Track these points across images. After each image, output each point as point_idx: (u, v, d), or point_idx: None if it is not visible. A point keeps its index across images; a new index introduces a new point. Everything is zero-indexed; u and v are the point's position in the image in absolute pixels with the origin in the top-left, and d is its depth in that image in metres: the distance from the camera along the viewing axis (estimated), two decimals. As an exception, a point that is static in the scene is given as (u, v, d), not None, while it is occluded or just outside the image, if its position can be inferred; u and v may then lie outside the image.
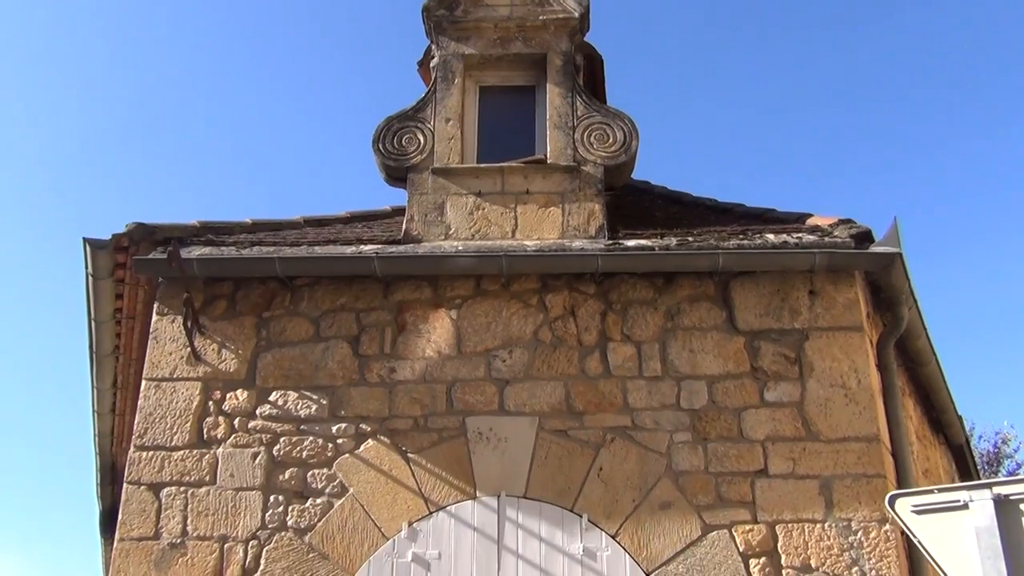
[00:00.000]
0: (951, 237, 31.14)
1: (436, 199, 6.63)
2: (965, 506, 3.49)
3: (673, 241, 6.16)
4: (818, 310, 5.96)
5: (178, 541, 5.61)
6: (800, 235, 6.20)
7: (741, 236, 6.22)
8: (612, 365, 5.92)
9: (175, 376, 6.05)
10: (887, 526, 5.36)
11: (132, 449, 5.88)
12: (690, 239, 6.18)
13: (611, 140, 6.76)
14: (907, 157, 30.52)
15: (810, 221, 6.53)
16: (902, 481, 5.67)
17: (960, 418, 8.30)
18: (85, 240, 6.07)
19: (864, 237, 6.02)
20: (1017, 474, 15.15)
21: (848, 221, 6.26)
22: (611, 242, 6.24)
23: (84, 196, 29.55)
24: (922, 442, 7.28)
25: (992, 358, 30.01)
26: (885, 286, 6.05)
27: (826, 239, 6.07)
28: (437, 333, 6.07)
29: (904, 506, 3.67)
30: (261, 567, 5.53)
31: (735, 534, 5.45)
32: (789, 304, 5.99)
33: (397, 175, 6.82)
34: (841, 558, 5.34)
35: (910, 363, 6.85)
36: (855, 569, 5.31)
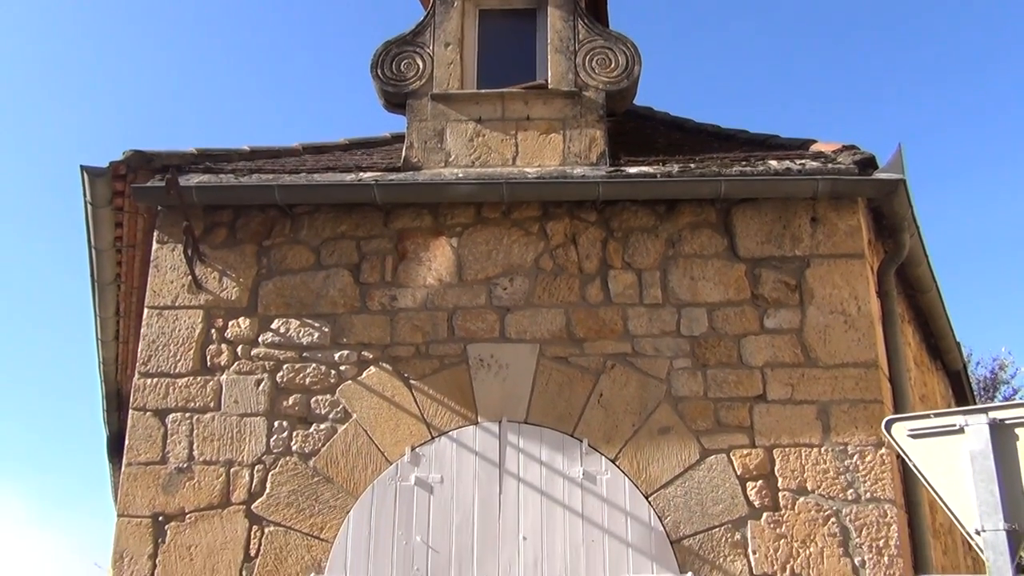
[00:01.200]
0: (954, 164, 30.92)
1: (436, 126, 6.56)
2: (961, 430, 3.53)
3: (675, 168, 6.11)
4: (820, 237, 5.94)
5: (185, 466, 5.71)
6: (803, 162, 6.15)
7: (744, 163, 6.16)
8: (613, 292, 5.93)
9: (177, 304, 6.07)
10: (883, 450, 5.44)
11: (136, 376, 5.94)
12: (692, 166, 6.13)
13: (613, 65, 6.65)
14: (913, 83, 30.10)
15: (814, 147, 6.47)
16: (899, 406, 5.73)
17: (958, 344, 8.35)
18: (82, 168, 6.02)
19: (868, 164, 5.97)
20: (1013, 399, 15.32)
21: (852, 147, 6.20)
22: (612, 169, 6.19)
23: (81, 123, 29.26)
24: (920, 368, 7.34)
25: (992, 285, 30.09)
26: (887, 213, 6.02)
27: (829, 166, 6.02)
28: (438, 261, 6.07)
29: (900, 430, 3.71)
30: (267, 490, 5.63)
31: (733, 458, 5.53)
32: (791, 231, 5.97)
33: (396, 101, 6.73)
34: (837, 481, 5.43)
35: (910, 290, 6.87)
36: (850, 492, 5.40)
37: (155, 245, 6.23)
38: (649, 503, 5.46)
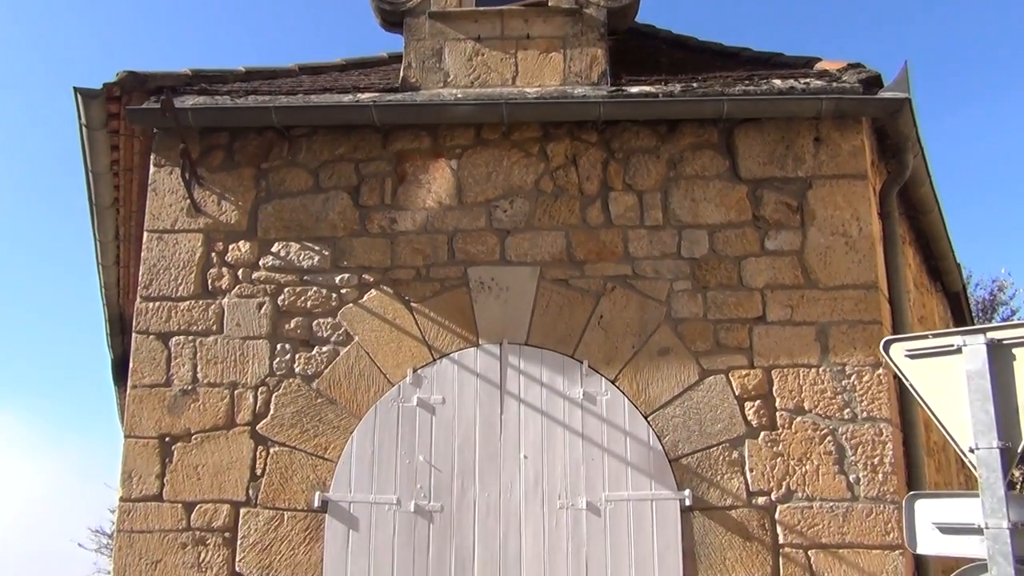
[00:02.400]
0: (960, 83, 30.46)
1: (434, 45, 6.44)
2: (958, 350, 3.56)
3: (677, 87, 6.02)
4: (822, 158, 5.89)
5: (189, 388, 5.77)
6: (807, 80, 6.05)
7: (747, 82, 6.07)
8: (613, 214, 5.91)
9: (176, 228, 6.06)
10: (880, 370, 5.48)
11: (138, 300, 5.96)
12: (695, 85, 6.03)
13: (615, -20, 6.47)
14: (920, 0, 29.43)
15: (818, 66, 6.36)
16: (898, 327, 5.76)
17: (959, 266, 8.36)
18: (76, 90, 5.93)
19: (873, 82, 5.88)
20: (1011, 320, 15.38)
21: (857, 65, 6.09)
22: (614, 89, 6.10)
23: (72, 44, 28.74)
24: (919, 289, 7.36)
25: (994, 206, 29.99)
26: (892, 133, 5.95)
27: (834, 85, 5.92)
28: (437, 183, 6.03)
29: (898, 351, 3.74)
30: (271, 412, 5.71)
31: (731, 379, 5.59)
32: (793, 152, 5.92)
33: (393, 20, 6.59)
34: (834, 401, 5.50)
35: (912, 211, 6.84)
36: (847, 411, 5.47)
37: (152, 168, 6.18)
38: (648, 423, 5.54)
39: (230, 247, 6.01)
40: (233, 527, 5.55)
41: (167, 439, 5.69)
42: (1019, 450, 3.40)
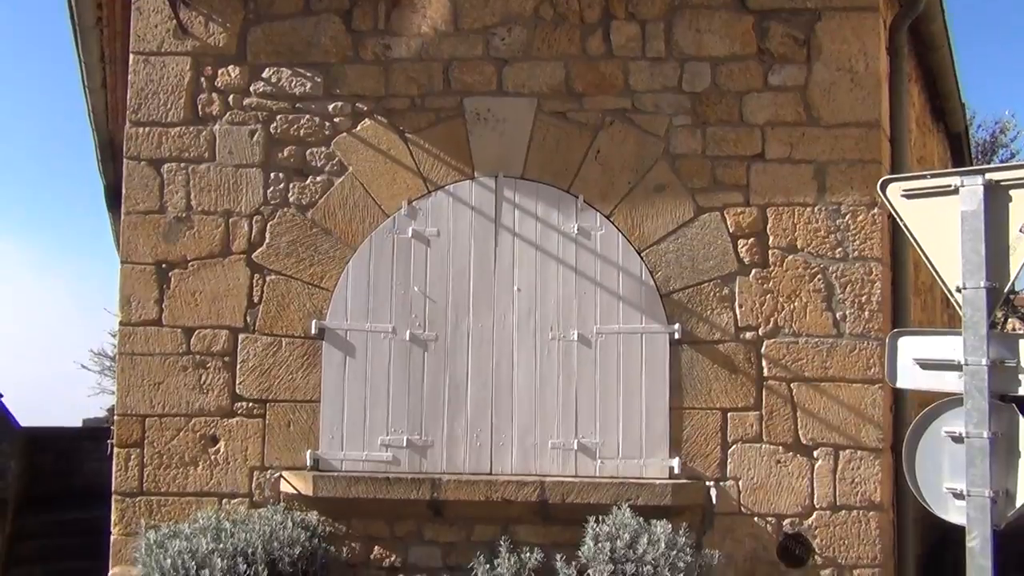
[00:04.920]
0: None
1: None
2: (955, 191, 3.55)
3: (687, -92, 5.69)
4: (834, -12, 5.65)
5: (183, 215, 5.76)
6: (825, -97, 5.72)
7: (761, -97, 5.73)
8: (615, 45, 5.73)
9: (163, 50, 5.87)
10: (875, 210, 5.49)
11: (128, 125, 5.85)
12: (705, -94, 5.70)
13: None
14: None
15: None
16: (897, 167, 5.72)
17: (963, 106, 8.22)
18: (50, -102, 5.59)
19: (893, -95, 5.57)
20: (1010, 162, 15.25)
21: None
22: (620, -92, 5.77)
23: None
24: (921, 129, 7.26)
25: (1006, 45, 29.15)
26: (908, -38, 5.69)
27: (853, -93, 5.60)
28: (433, 8, 5.80)
29: (895, 190, 3.73)
30: (266, 240, 5.73)
31: (726, 216, 5.59)
32: (804, -19, 5.67)
33: None
34: (827, 240, 5.53)
35: (921, 47, 6.64)
36: (839, 250, 5.51)
37: (135, -14, 5.92)
38: (641, 258, 5.58)
39: (219, 72, 5.84)
40: (232, 352, 5.68)
41: (163, 265, 5.73)
42: (1004, 291, 3.46)
